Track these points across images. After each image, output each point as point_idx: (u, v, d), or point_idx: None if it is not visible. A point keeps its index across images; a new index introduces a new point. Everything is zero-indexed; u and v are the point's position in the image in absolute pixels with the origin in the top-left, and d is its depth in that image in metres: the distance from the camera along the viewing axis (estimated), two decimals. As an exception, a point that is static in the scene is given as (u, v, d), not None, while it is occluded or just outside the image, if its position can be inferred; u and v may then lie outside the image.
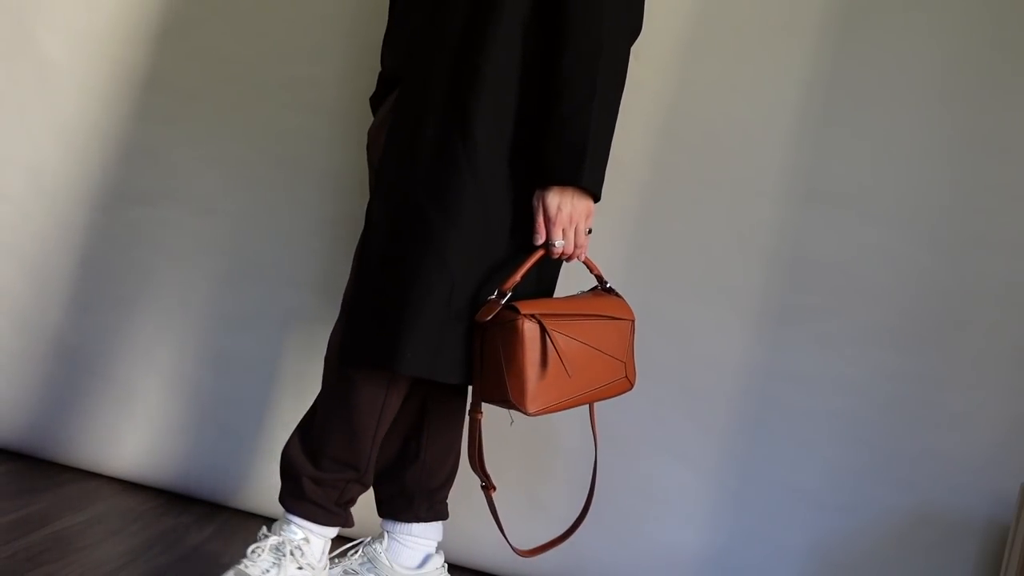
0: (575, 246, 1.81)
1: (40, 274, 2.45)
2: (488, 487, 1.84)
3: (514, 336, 1.73)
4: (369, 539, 2.04)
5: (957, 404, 2.27)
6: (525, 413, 1.75)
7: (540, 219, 1.78)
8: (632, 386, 1.94)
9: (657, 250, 2.33)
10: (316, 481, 1.87)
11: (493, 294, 1.77)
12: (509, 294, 1.77)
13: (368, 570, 2.01)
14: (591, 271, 1.95)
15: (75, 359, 2.44)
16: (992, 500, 2.26)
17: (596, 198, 1.83)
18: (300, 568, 1.84)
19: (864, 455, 2.29)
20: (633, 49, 2.31)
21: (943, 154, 2.28)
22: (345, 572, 2.01)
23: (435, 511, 2.04)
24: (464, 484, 2.34)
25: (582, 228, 1.80)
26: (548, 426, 2.34)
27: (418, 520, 2.02)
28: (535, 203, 1.78)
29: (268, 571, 1.82)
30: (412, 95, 1.81)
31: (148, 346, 2.42)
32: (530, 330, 1.73)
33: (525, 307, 1.74)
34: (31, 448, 2.44)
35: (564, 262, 1.90)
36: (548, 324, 1.75)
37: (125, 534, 2.05)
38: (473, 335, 1.77)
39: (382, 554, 2.01)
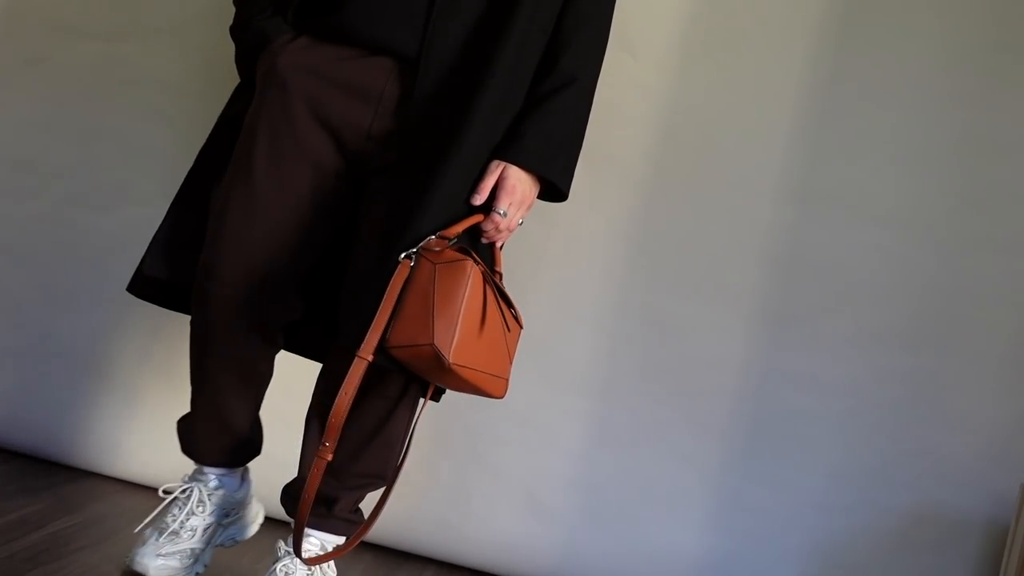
0: (507, 228, 1.80)
1: (40, 273, 2.45)
2: (329, 451, 1.68)
3: (460, 276, 1.65)
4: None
5: (957, 404, 2.27)
6: (443, 361, 1.62)
7: (489, 184, 1.76)
8: (504, 394, 1.78)
9: (657, 250, 2.33)
10: (343, 500, 1.90)
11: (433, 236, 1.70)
12: (454, 240, 1.71)
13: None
14: (496, 264, 1.85)
15: (75, 359, 2.43)
16: (992, 500, 2.26)
17: (564, 196, 1.85)
18: None
19: (864, 455, 2.29)
20: (633, 49, 2.32)
21: (943, 154, 2.28)
22: None
23: None
24: (464, 485, 2.34)
25: (521, 214, 1.80)
26: (548, 426, 2.34)
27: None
28: (491, 168, 1.77)
29: None
30: (434, 83, 1.76)
31: (147, 346, 2.42)
32: (476, 275, 1.67)
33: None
34: (31, 448, 2.44)
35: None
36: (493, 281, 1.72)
37: (125, 534, 2.05)
38: (393, 272, 1.67)
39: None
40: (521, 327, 1.80)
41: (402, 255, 1.68)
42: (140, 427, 2.40)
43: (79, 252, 2.43)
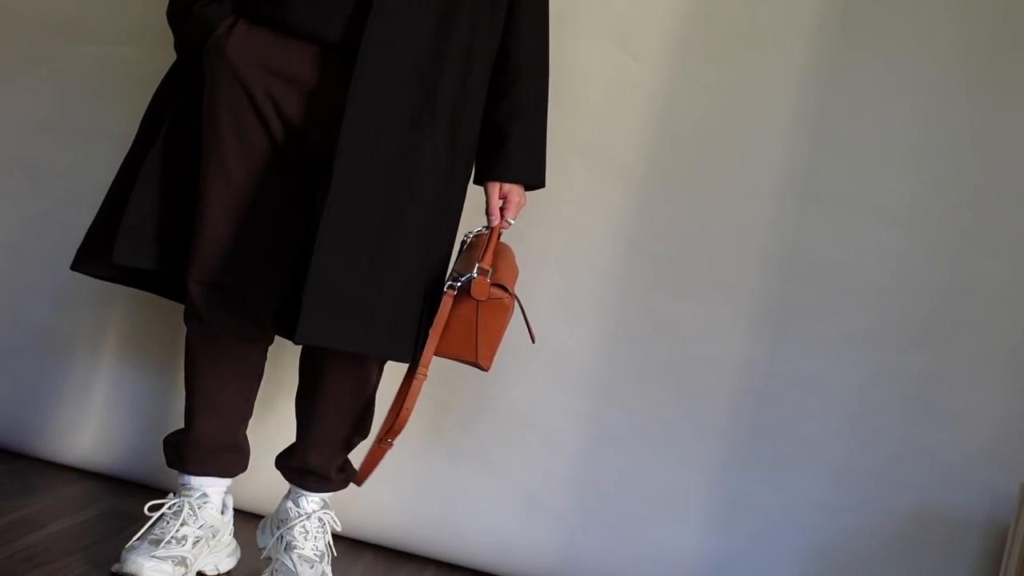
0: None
1: (40, 273, 2.45)
2: (390, 442, 1.93)
3: (504, 313, 1.92)
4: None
5: (957, 404, 2.27)
6: (483, 369, 1.94)
7: (496, 203, 1.98)
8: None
9: (657, 250, 2.33)
10: (335, 463, 2.05)
11: (474, 272, 1.89)
12: (490, 270, 1.91)
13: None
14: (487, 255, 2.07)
15: (75, 359, 2.43)
16: (992, 500, 2.26)
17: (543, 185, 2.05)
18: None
19: (864, 455, 2.29)
20: (631, 49, 2.32)
21: (942, 154, 2.28)
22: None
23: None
24: (463, 485, 2.34)
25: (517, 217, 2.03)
26: (548, 426, 2.34)
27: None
28: (493, 189, 1.97)
29: (318, 546, 2.00)
30: (379, 74, 1.82)
31: (148, 347, 2.42)
32: (511, 306, 1.93)
33: (508, 283, 1.94)
34: (30, 448, 2.44)
35: None
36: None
37: (125, 534, 2.05)
38: (433, 303, 1.90)
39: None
40: (534, 341, 2.01)
41: (446, 285, 1.90)
42: (140, 427, 2.40)
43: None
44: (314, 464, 2.03)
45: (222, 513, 2.01)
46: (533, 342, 1.99)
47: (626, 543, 2.32)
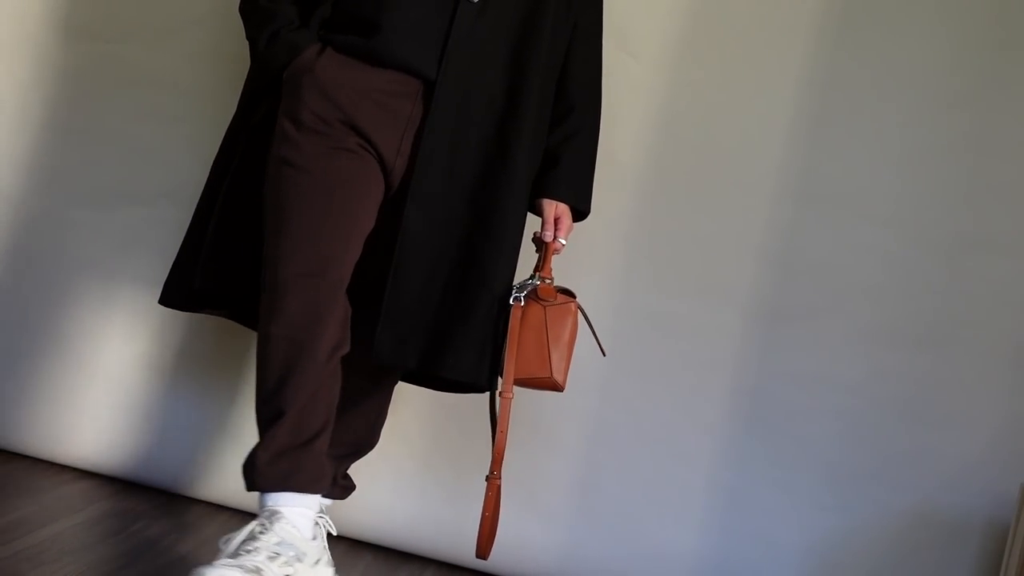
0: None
1: (40, 273, 2.45)
2: (499, 477, 1.94)
3: (568, 317, 1.96)
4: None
5: (957, 404, 2.27)
6: (558, 389, 1.96)
7: (552, 219, 2.03)
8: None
9: (656, 250, 2.33)
10: (341, 468, 2.10)
11: (536, 280, 1.99)
12: (551, 279, 2.00)
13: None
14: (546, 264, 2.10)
15: (75, 359, 2.43)
16: (992, 500, 2.26)
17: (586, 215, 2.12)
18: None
19: (863, 455, 2.29)
20: (632, 49, 2.33)
21: (942, 154, 2.29)
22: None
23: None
24: (464, 485, 2.34)
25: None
26: (548, 426, 2.34)
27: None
28: (548, 208, 2.03)
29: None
30: (453, 107, 1.89)
31: (147, 346, 2.42)
32: (576, 311, 1.98)
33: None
34: (31, 448, 2.44)
35: None
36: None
37: (125, 534, 2.05)
38: (501, 319, 1.94)
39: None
40: (604, 354, 2.10)
41: (511, 298, 1.95)
42: (139, 427, 2.41)
43: (79, 252, 2.43)
44: (326, 468, 1.98)
45: (313, 539, 1.83)
46: (604, 355, 2.06)
47: (625, 542, 2.32)
